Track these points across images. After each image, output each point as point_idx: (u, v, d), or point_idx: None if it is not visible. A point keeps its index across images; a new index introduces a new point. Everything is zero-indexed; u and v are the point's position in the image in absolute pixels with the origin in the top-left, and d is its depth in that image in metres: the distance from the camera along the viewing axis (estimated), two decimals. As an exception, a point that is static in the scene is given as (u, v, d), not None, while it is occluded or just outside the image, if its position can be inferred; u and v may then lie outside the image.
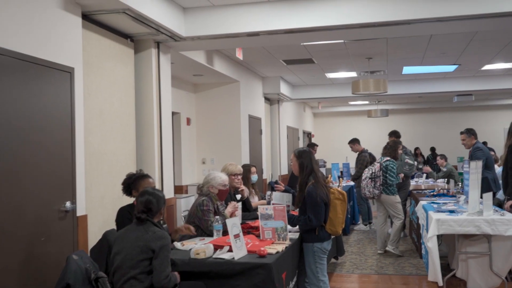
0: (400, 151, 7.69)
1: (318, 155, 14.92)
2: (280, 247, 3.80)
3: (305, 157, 4.21)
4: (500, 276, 5.25)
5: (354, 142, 9.94)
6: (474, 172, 5.42)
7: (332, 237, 4.44)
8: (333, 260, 6.65)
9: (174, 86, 8.15)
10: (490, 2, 5.57)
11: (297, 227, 4.32)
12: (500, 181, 6.48)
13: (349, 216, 9.20)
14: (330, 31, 6.22)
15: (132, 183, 4.23)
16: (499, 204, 6.15)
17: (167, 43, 6.42)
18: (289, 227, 4.29)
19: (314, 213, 4.05)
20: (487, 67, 11.03)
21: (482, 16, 5.72)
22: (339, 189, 4.37)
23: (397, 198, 7.33)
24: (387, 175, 7.20)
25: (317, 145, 11.68)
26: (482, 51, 9.36)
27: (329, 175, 5.40)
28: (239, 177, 5.43)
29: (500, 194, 7.15)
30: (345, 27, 6.06)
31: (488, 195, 5.32)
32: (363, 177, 7.37)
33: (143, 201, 3.45)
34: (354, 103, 17.42)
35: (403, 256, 7.22)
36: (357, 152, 9.80)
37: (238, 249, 3.60)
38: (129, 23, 5.44)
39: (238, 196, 5.38)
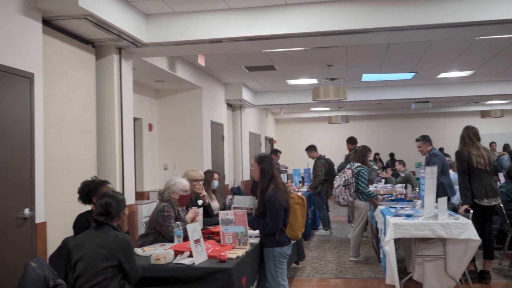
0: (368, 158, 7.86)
1: (280, 161, 15.04)
2: (240, 252, 3.84)
3: (266, 162, 4.26)
4: (455, 278, 5.42)
5: (310, 149, 10.10)
6: (429, 177, 5.59)
7: (293, 242, 4.50)
8: (293, 264, 6.73)
9: (136, 92, 8.10)
10: (444, 12, 5.79)
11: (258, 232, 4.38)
12: (456, 186, 6.69)
13: (309, 221, 9.32)
14: (291, 39, 6.34)
15: (92, 190, 4.18)
16: (454, 209, 6.36)
17: (129, 49, 6.39)
18: (250, 231, 4.34)
19: (272, 218, 4.11)
20: (443, 75, 11.39)
21: (437, 26, 5.94)
22: (299, 194, 4.45)
23: (367, 206, 7.48)
24: (359, 181, 7.32)
25: (280, 152, 11.79)
26: (438, 59, 9.68)
27: (289, 181, 5.46)
28: (201, 182, 5.45)
29: (456, 199, 7.40)
30: (306, 35, 6.19)
31: (443, 200, 5.49)
32: (335, 185, 7.41)
33: (102, 204, 3.41)
34: (315, 110, 17.66)
35: (367, 260, 7.36)
36: (314, 159, 9.95)
37: (199, 254, 3.62)
38: (91, 29, 5.40)
39: (200, 202, 5.40)
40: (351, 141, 9.99)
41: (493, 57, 9.47)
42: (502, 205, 6.65)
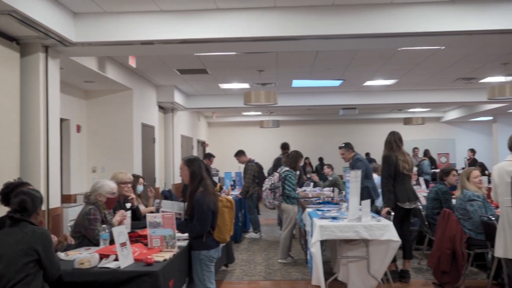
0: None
1: (213, 164, 15.03)
2: (167, 255, 3.84)
3: (195, 165, 4.28)
4: (377, 278, 5.65)
5: (239, 154, 10.21)
6: (354, 181, 5.81)
7: (222, 245, 4.54)
8: (223, 267, 6.77)
9: (63, 92, 7.85)
10: (370, 23, 6.05)
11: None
12: (379, 190, 6.98)
13: (240, 224, 9.40)
14: (222, 43, 6.40)
15: (11, 192, 4.02)
16: (377, 211, 6.63)
17: (56, 48, 6.21)
18: (179, 234, 4.34)
19: (199, 220, 4.13)
20: (369, 83, 11.85)
21: (362, 36, 6.20)
22: (227, 197, 4.49)
23: (295, 209, 7.62)
24: (285, 185, 7.46)
25: (213, 156, 11.80)
26: (364, 68, 10.06)
27: (218, 184, 5.50)
28: (129, 185, 5.38)
29: (379, 202, 7.71)
30: (237, 40, 6.27)
31: (366, 203, 5.71)
32: (263, 188, 7.56)
33: (17, 201, 3.32)
34: (247, 114, 17.81)
35: (295, 262, 7.51)
36: (244, 163, 10.06)
37: (124, 257, 3.58)
38: (15, 26, 5.21)
39: (128, 205, 5.33)
40: (284, 146, 10.39)
41: (415, 67, 9.96)
42: (421, 207, 7.02)
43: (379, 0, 5.97)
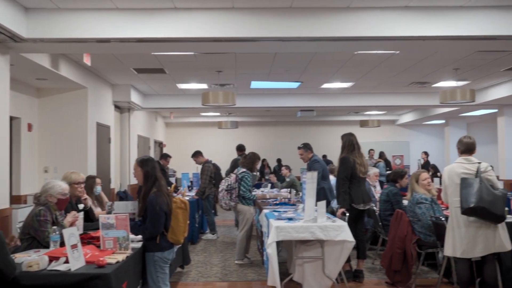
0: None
1: (169, 165, 14.88)
2: (120, 257, 3.76)
3: (149, 165, 4.22)
4: (331, 278, 5.70)
5: (196, 155, 10.16)
6: (310, 182, 5.85)
7: (178, 246, 4.49)
8: (178, 269, 6.70)
9: (13, 89, 7.61)
10: (327, 26, 6.12)
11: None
12: (335, 191, 7.06)
13: (196, 225, 9.33)
14: (180, 43, 6.34)
15: None
16: (332, 212, 6.72)
17: (6, 44, 6.00)
18: (133, 236, 4.27)
19: (151, 222, 4.07)
20: (326, 85, 11.99)
21: (320, 39, 6.26)
22: (181, 198, 4.45)
23: (251, 210, 7.62)
24: (241, 186, 7.44)
25: (170, 157, 11.69)
26: (321, 70, 10.17)
27: (173, 184, 5.44)
28: (82, 185, 5.25)
29: (336, 203, 7.80)
30: (195, 40, 6.22)
31: (322, 204, 5.76)
32: (219, 189, 7.53)
33: None
34: (205, 114, 17.73)
35: (251, 263, 7.51)
36: (201, 164, 10.01)
37: (75, 260, 3.49)
38: (-39, 19, 5.01)
39: (81, 206, 5.20)
40: (240, 148, 10.44)
41: (371, 70, 10.15)
42: (375, 208, 7.15)
43: (336, 4, 6.05)
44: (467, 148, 5.23)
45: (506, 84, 11.67)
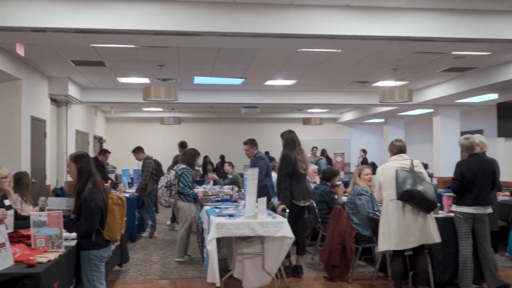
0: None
1: (110, 161, 14.52)
2: (52, 256, 3.60)
3: (83, 161, 4.07)
4: (271, 274, 5.72)
5: (137, 151, 9.95)
6: (251, 178, 5.84)
7: (116, 244, 4.36)
8: (116, 267, 6.53)
9: None
10: (270, 23, 6.13)
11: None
12: (276, 187, 7.10)
13: (136, 223, 9.15)
14: (120, 35, 6.18)
15: None
16: (273, 208, 6.74)
17: None
18: (67, 234, 4.12)
19: (86, 218, 3.94)
20: (270, 82, 12.04)
21: (263, 35, 6.26)
22: (118, 194, 4.32)
23: (191, 207, 7.52)
24: (180, 183, 7.34)
25: (109, 152, 11.38)
26: (265, 67, 10.20)
27: (110, 181, 5.28)
28: (8, 179, 5.03)
29: (277, 200, 7.85)
30: (136, 33, 6.08)
31: (263, 200, 5.77)
32: (159, 186, 7.41)
33: None
34: (147, 110, 17.42)
35: (192, 260, 7.43)
36: (142, 160, 9.83)
37: (3, 259, 3.31)
38: None
39: (7, 202, 4.96)
40: (182, 145, 10.37)
41: (313, 68, 10.27)
42: (315, 205, 7.24)
43: (280, 1, 6.06)
44: (399, 151, 5.58)
45: (442, 85, 12.12)
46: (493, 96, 11.73)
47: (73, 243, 4.10)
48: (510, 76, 9.57)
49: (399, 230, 5.22)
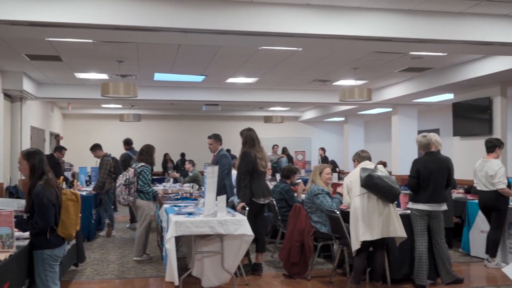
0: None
1: (67, 159, 14.19)
2: (3, 256, 3.49)
3: (36, 158, 3.94)
4: (230, 272, 5.71)
5: (94, 148, 9.75)
6: (210, 176, 5.80)
7: (71, 243, 4.24)
8: (72, 267, 6.37)
9: None
10: (231, 19, 6.09)
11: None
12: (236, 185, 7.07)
13: (93, 221, 8.96)
14: (78, 29, 6.02)
15: None
16: (233, 206, 6.72)
17: None
18: (19, 233, 3.99)
19: (40, 215, 3.81)
20: (231, 80, 11.99)
21: (224, 32, 6.21)
22: (72, 190, 4.21)
23: (150, 205, 7.42)
24: (139, 181, 7.22)
25: (65, 149, 11.08)
26: (226, 65, 10.15)
27: (61, 177, 5.15)
28: None
29: (237, 198, 7.81)
30: (94, 27, 5.94)
31: (222, 198, 5.74)
32: (117, 184, 7.27)
33: None
34: (106, 106, 17.08)
35: (150, 259, 7.32)
36: (100, 158, 9.64)
37: (-52, 260, 3.18)
38: None
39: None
40: (127, 142, 10.48)
41: (275, 66, 10.29)
42: (275, 203, 7.26)
43: (240, -2, 6.04)
44: (364, 160, 5.76)
45: (400, 85, 12.36)
46: (449, 96, 12.03)
47: (26, 242, 3.98)
48: (465, 77, 9.84)
49: (364, 222, 5.34)
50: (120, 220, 11.05)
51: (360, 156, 5.80)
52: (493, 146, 6.87)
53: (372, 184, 5.30)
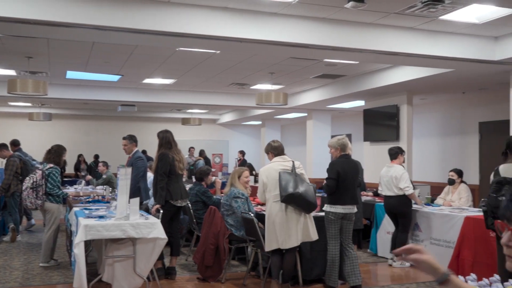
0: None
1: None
2: None
3: None
4: (142, 276, 5.58)
5: (1, 148, 9.21)
6: (123, 178, 5.65)
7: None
8: (-30, 275, 5.97)
9: None
10: (149, 19, 5.99)
11: None
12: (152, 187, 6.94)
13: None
14: (-20, 21, 5.65)
15: None
16: (147, 209, 6.59)
17: None
18: None
19: None
20: (148, 80, 11.79)
21: (140, 31, 6.09)
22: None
23: (60, 208, 7.12)
24: (48, 183, 6.90)
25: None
26: (143, 65, 9.96)
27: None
28: None
29: (152, 202, 7.66)
30: (0, 20, 5.59)
31: (135, 201, 5.61)
32: (23, 187, 6.90)
33: None
34: (14, 104, 16.17)
35: (58, 265, 7.01)
36: (5, 158, 9.11)
37: None
38: None
39: None
40: (14, 143, 9.74)
41: (192, 68, 10.23)
42: (190, 206, 7.20)
43: (158, -3, 5.95)
44: (279, 152, 5.81)
45: (315, 91, 12.72)
46: (361, 103, 12.55)
47: None
48: (375, 85, 10.32)
49: (283, 230, 5.43)
50: (39, 224, 10.46)
51: (273, 147, 5.81)
52: (395, 153, 7.27)
53: (292, 202, 5.41)
